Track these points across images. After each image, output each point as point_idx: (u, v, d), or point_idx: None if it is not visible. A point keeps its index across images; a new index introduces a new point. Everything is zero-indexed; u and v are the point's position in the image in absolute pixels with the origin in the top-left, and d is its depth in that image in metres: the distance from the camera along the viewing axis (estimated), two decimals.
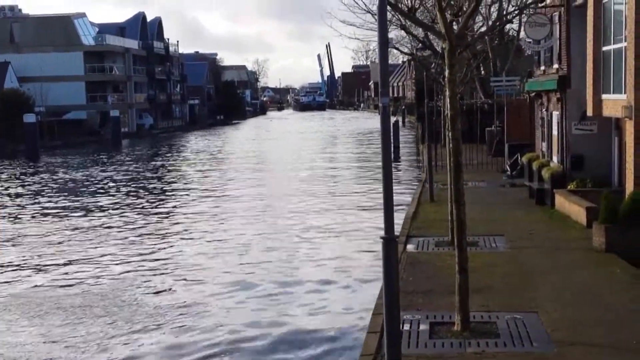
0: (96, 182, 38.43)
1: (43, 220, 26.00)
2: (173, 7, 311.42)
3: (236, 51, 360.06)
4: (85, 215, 26.88)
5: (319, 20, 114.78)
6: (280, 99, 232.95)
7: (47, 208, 29.05)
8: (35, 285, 16.77)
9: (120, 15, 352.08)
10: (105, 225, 24.41)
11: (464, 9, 11.76)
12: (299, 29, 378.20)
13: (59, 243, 21.66)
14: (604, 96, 17.85)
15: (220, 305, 14.72)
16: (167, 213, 27.29)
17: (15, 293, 16.13)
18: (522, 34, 32.07)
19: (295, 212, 26.07)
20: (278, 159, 49.85)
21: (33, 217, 26.94)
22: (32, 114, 58.24)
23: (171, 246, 20.84)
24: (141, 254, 19.70)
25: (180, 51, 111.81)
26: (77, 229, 24.02)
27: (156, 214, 27.14)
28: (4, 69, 73.07)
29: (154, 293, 15.75)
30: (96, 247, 20.85)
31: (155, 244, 21.14)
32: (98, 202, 30.61)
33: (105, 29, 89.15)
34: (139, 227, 23.99)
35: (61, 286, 16.62)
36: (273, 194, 31.48)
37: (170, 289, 16.06)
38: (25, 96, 66.63)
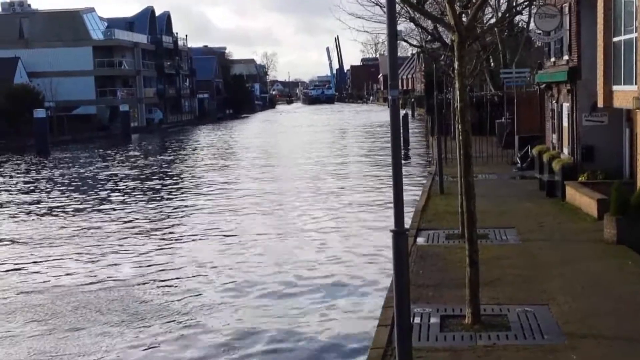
0: (108, 177, 38.55)
1: (55, 216, 26.12)
2: (179, 2, 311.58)
3: (243, 45, 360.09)
4: (101, 210, 27.01)
5: (325, 13, 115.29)
6: (290, 92, 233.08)
7: (59, 203, 29.16)
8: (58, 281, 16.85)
9: (126, 10, 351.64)
10: (129, 220, 24.55)
11: (473, 0, 11.71)
12: (305, 22, 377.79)
13: (79, 237, 21.79)
14: (614, 87, 17.75)
15: None
16: (190, 205, 27.41)
17: (40, 291, 16.00)
18: (531, 25, 31.89)
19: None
20: (289, 153, 49.87)
21: (44, 213, 27.06)
22: (42, 109, 58.43)
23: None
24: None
25: (189, 45, 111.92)
26: (93, 224, 24.15)
27: (171, 206, 27.28)
28: (14, 64, 73.28)
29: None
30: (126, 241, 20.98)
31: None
32: (113, 197, 30.76)
33: (114, 23, 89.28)
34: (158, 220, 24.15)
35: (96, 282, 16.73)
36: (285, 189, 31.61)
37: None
38: (35, 91, 66.84)
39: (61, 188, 34.06)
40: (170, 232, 22.28)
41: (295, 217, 23.99)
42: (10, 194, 32.43)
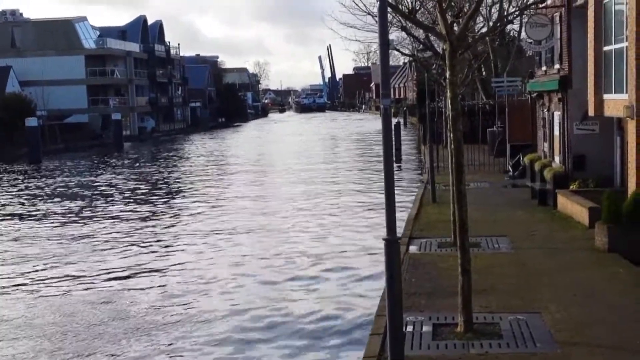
0: (102, 186, 38.48)
1: (50, 224, 26.06)
2: (168, 12, 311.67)
3: (233, 55, 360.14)
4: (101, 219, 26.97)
5: (316, 23, 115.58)
6: (282, 101, 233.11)
7: (51, 213, 29.09)
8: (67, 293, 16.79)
9: (119, 19, 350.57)
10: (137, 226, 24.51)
11: (465, 10, 11.76)
12: (295, 32, 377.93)
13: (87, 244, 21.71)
14: (605, 96, 17.84)
15: None
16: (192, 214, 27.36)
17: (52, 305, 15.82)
18: (523, 34, 32.05)
19: None
20: (283, 162, 49.89)
21: (39, 221, 26.99)
22: (34, 118, 58.24)
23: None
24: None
25: (181, 54, 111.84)
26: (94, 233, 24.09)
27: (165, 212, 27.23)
28: (6, 73, 73.11)
29: None
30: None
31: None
32: (111, 207, 30.72)
33: (106, 32, 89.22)
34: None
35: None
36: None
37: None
38: (27, 100, 66.65)
39: (50, 197, 34.00)
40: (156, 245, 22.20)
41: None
42: (5, 202, 32.36)
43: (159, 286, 16.68)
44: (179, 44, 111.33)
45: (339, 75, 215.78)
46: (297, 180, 37.30)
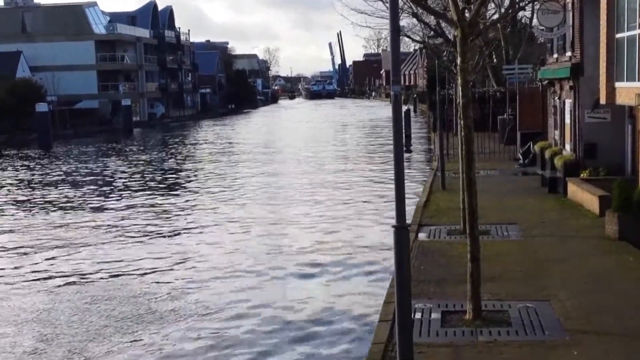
0: (114, 172, 38.58)
1: (64, 213, 26.18)
2: None
3: (241, 40, 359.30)
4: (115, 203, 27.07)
5: (323, 8, 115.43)
6: (292, 87, 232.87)
7: (64, 199, 29.20)
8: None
9: (129, 4, 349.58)
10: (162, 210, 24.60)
11: None
12: (302, 17, 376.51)
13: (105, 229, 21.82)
14: (617, 84, 17.71)
15: None
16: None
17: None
18: (534, 21, 31.85)
19: None
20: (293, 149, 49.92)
21: (51, 209, 27.10)
22: (44, 103, 58.31)
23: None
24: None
25: (191, 40, 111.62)
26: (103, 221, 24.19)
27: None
28: (16, 58, 73.23)
29: None
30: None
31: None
32: (128, 189, 30.85)
33: (116, 17, 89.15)
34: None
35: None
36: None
37: None
38: (37, 85, 66.77)
39: (61, 183, 34.14)
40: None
41: None
42: (17, 188, 32.49)
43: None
44: (188, 30, 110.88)
45: (349, 62, 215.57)
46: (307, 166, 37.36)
